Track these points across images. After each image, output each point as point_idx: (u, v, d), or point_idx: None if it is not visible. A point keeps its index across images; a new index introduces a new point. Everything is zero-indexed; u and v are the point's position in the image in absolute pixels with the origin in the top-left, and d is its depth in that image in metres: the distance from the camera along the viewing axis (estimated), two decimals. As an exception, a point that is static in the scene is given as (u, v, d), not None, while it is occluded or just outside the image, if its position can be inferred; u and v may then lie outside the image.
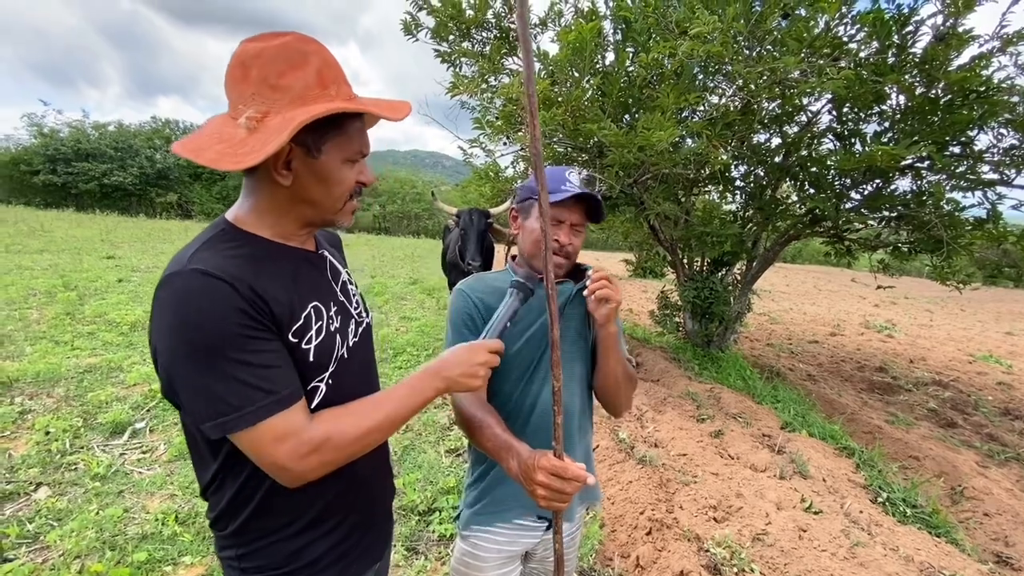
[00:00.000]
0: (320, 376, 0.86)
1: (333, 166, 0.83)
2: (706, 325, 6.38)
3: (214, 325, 0.71)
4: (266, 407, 0.73)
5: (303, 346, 0.82)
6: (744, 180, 6.19)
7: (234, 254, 0.78)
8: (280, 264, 0.84)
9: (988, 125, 4.32)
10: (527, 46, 0.72)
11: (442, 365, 0.91)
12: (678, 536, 2.57)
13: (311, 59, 0.78)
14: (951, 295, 5.49)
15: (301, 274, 0.88)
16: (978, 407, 5.78)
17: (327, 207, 0.87)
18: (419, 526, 2.55)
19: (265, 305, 0.76)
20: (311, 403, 0.85)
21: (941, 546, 2.71)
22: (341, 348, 0.91)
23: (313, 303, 0.86)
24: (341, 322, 0.93)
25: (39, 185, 30.74)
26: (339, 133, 0.82)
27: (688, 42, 3.68)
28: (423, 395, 0.88)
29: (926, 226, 4.87)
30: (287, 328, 0.80)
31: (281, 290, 0.80)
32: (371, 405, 0.84)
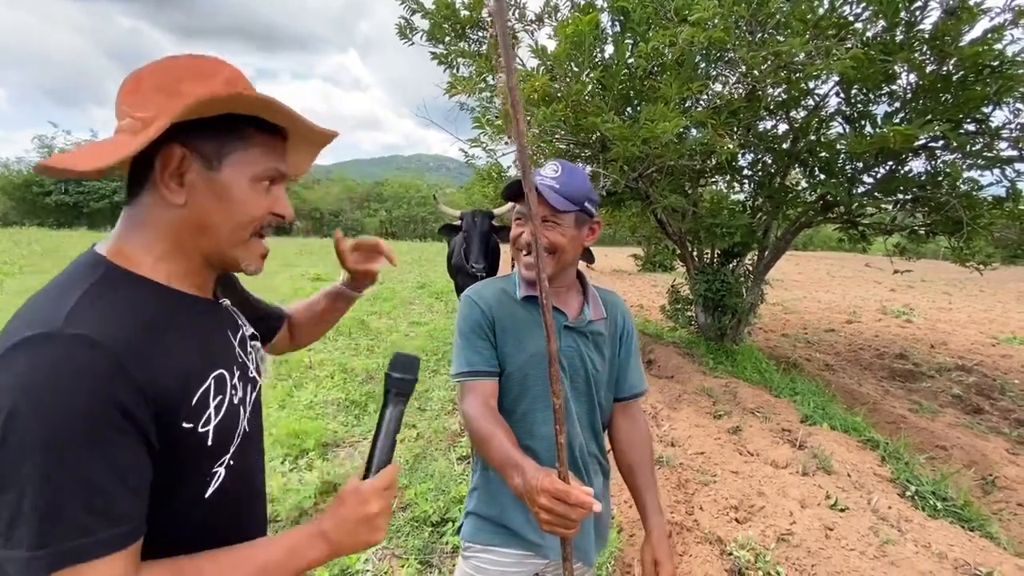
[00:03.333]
0: (220, 460, 0.70)
1: (237, 183, 0.68)
2: (719, 318, 6.27)
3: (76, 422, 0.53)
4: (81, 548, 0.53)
5: (199, 430, 0.65)
6: (752, 169, 6.06)
7: (126, 312, 0.61)
8: (178, 321, 0.67)
9: (1004, 100, 4.17)
10: (507, 47, 0.65)
11: (329, 524, 0.71)
12: (699, 539, 2.49)
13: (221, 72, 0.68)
14: (969, 276, 5.34)
15: (203, 333, 0.71)
16: (1005, 391, 5.61)
17: (224, 237, 0.70)
18: (432, 538, 2.50)
19: (153, 388, 0.59)
20: (205, 492, 0.69)
21: (975, 540, 2.60)
22: (243, 422, 0.75)
23: (216, 372, 0.69)
24: (243, 389, 0.76)
25: (51, 205, 31.32)
26: (246, 144, 0.69)
27: (688, 29, 3.58)
28: (300, 563, 0.68)
29: (943, 207, 4.73)
30: (179, 413, 0.63)
31: (178, 360, 0.64)
32: (223, 567, 0.63)
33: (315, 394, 4.19)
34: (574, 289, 1.25)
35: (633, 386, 1.28)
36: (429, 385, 4.69)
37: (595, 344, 1.22)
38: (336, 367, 4.90)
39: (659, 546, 1.12)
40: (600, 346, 1.22)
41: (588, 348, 1.20)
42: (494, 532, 1.19)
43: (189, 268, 0.71)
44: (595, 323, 1.22)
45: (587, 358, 1.19)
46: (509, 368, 1.16)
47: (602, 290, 1.31)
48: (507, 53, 0.65)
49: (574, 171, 1.13)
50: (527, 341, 1.16)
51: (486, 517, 1.21)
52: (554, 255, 1.13)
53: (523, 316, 1.18)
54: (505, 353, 1.16)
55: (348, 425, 3.72)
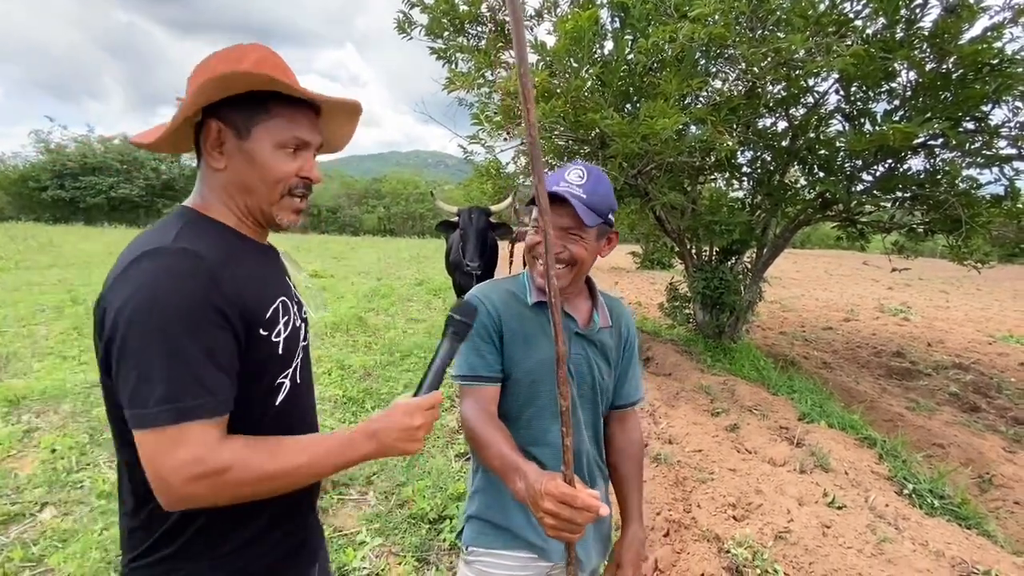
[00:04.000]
0: (285, 372, 0.85)
1: (263, 149, 0.81)
2: (717, 316, 6.26)
3: (185, 311, 0.68)
4: (193, 409, 0.68)
5: (273, 339, 0.80)
6: (751, 166, 6.05)
7: (213, 239, 0.77)
8: (247, 255, 0.83)
9: (1003, 99, 4.17)
10: (520, 35, 0.63)
11: (379, 426, 0.83)
12: (697, 537, 2.49)
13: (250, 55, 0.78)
14: (967, 275, 5.34)
15: (265, 268, 0.87)
16: (1001, 389, 5.62)
17: (262, 195, 0.84)
18: (429, 535, 2.49)
19: (239, 299, 0.75)
20: (276, 399, 0.83)
21: (972, 538, 2.60)
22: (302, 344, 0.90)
23: (280, 297, 0.85)
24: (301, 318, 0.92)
25: (47, 201, 31.14)
26: (270, 116, 0.81)
27: (688, 25, 3.56)
28: (351, 455, 0.80)
29: (942, 205, 4.72)
30: (257, 322, 0.78)
31: (253, 282, 0.80)
32: (293, 446, 0.77)
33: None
34: (583, 295, 1.22)
35: (630, 395, 1.28)
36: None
37: (602, 352, 1.19)
38: (334, 364, 4.88)
39: (628, 550, 1.16)
40: (607, 354, 1.20)
41: (596, 356, 1.18)
42: (497, 535, 1.16)
43: (242, 218, 0.86)
44: (603, 331, 1.20)
45: (595, 365, 1.17)
46: (516, 374, 1.13)
47: (608, 296, 1.28)
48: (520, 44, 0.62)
49: (600, 178, 1.09)
50: (536, 347, 1.13)
51: (488, 520, 1.18)
52: (573, 268, 1.10)
53: (533, 321, 1.15)
54: (512, 358, 1.13)
55: (345, 422, 3.71)
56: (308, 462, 0.76)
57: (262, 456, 0.73)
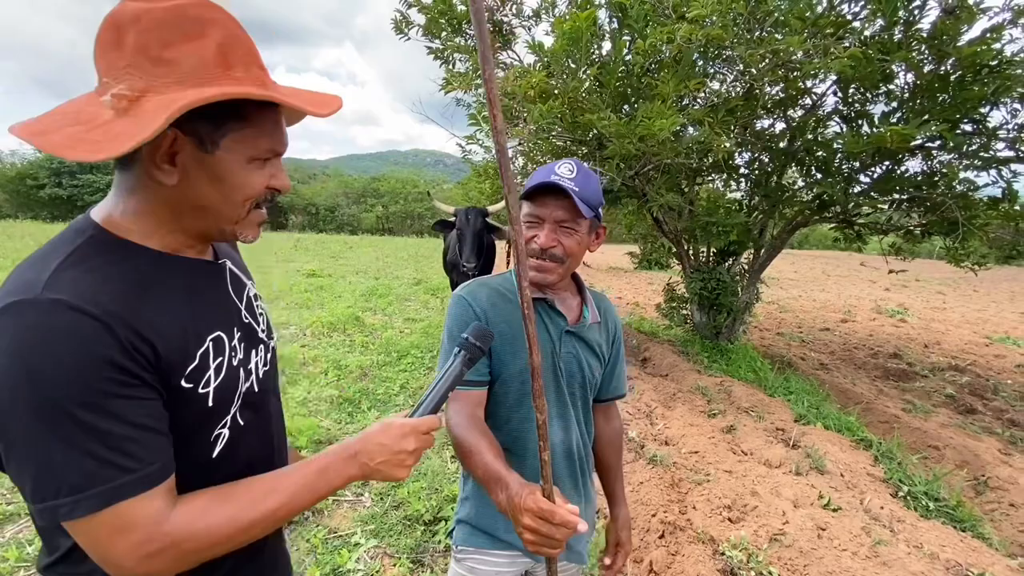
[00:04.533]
0: (222, 421, 0.71)
1: (233, 166, 0.66)
2: (714, 317, 6.27)
3: (72, 380, 0.54)
4: (119, 488, 0.57)
5: (199, 391, 0.67)
6: (749, 167, 6.05)
7: (111, 274, 0.61)
8: (171, 284, 0.67)
9: (1001, 101, 4.17)
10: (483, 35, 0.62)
11: (362, 447, 0.73)
12: (692, 539, 2.49)
13: (211, 30, 0.60)
14: (963, 276, 5.37)
15: (199, 295, 0.71)
16: (997, 391, 5.63)
17: (223, 215, 0.69)
18: (424, 537, 2.49)
19: (149, 348, 0.60)
20: (212, 452, 0.71)
21: (967, 541, 2.60)
22: (246, 382, 0.76)
23: (214, 334, 0.70)
24: (245, 350, 0.77)
25: (45, 199, 31.10)
26: (244, 125, 0.65)
27: (686, 26, 3.56)
28: (331, 483, 0.71)
29: (939, 207, 4.73)
30: (178, 373, 0.64)
31: (172, 323, 0.64)
32: (261, 489, 0.67)
33: (308, 391, 4.17)
34: (571, 290, 1.22)
35: (616, 389, 1.31)
36: (423, 382, 4.67)
37: (592, 348, 1.20)
38: (330, 364, 4.87)
39: (623, 529, 1.28)
40: (597, 350, 1.21)
41: (586, 352, 1.18)
42: (485, 538, 1.18)
43: (183, 238, 0.71)
44: (593, 326, 1.20)
45: (584, 362, 1.17)
46: (505, 375, 1.12)
47: (595, 293, 1.28)
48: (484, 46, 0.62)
49: (589, 173, 1.09)
50: (522, 348, 1.11)
51: (476, 526, 1.19)
52: (564, 263, 1.09)
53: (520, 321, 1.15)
54: (501, 360, 1.11)
55: (341, 422, 3.70)
56: (285, 501, 0.68)
57: (229, 510, 0.64)
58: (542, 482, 0.79)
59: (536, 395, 0.78)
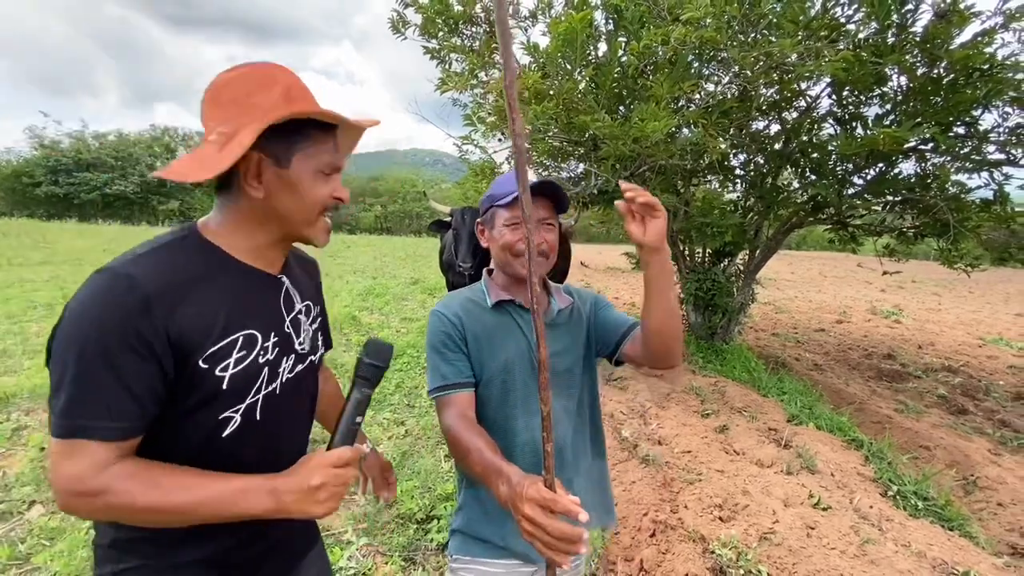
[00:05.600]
0: (234, 407, 0.82)
1: (303, 176, 0.83)
2: (709, 317, 6.29)
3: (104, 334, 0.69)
4: (83, 427, 0.70)
5: (216, 373, 0.78)
6: (744, 169, 6.08)
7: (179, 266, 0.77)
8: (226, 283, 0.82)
9: (993, 104, 4.20)
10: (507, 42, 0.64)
11: (280, 484, 0.78)
12: (683, 537, 2.51)
13: (279, 80, 0.82)
14: (959, 278, 5.38)
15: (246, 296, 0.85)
16: (989, 392, 5.67)
17: (299, 219, 0.86)
18: (417, 535, 2.50)
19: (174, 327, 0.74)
20: (222, 432, 0.82)
21: (955, 540, 2.63)
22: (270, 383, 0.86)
23: (247, 330, 0.83)
24: (276, 355, 0.88)
25: (41, 197, 30.98)
26: (308, 143, 0.83)
27: (681, 28, 3.58)
28: (244, 507, 0.76)
29: (931, 210, 4.76)
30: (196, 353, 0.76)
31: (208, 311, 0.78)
32: (183, 482, 0.75)
33: (304, 390, 4.17)
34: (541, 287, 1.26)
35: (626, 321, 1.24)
36: (418, 382, 4.68)
37: (571, 329, 1.22)
38: (327, 362, 4.87)
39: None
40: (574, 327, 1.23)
41: (566, 340, 1.21)
42: (480, 546, 1.18)
43: (262, 245, 0.87)
44: (564, 311, 1.23)
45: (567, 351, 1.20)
46: (486, 376, 1.15)
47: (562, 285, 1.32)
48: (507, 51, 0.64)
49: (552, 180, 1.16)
50: (499, 347, 1.15)
51: (471, 534, 1.20)
52: (548, 258, 1.15)
53: (493, 323, 1.17)
54: (480, 362, 1.15)
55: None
56: (192, 503, 0.73)
57: (141, 486, 0.72)
58: (544, 473, 0.80)
59: (542, 387, 0.80)
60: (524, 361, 1.16)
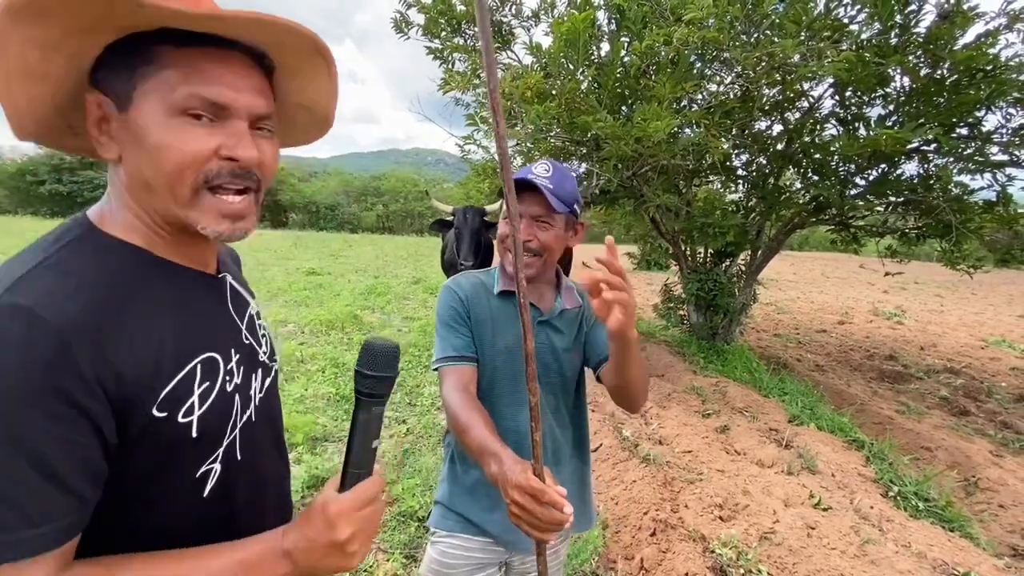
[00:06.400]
0: (212, 456, 0.62)
1: (150, 119, 0.54)
2: (710, 318, 6.29)
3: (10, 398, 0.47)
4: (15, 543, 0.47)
5: (179, 420, 0.58)
6: (746, 169, 6.08)
7: (90, 278, 0.53)
8: (159, 295, 0.59)
9: (996, 105, 4.20)
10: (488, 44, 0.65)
11: (295, 544, 0.60)
12: (683, 537, 2.51)
13: None
14: (962, 279, 5.36)
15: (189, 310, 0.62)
16: (991, 394, 5.66)
17: (163, 190, 0.57)
18: (418, 533, 2.51)
19: (109, 372, 0.52)
20: (203, 491, 0.62)
21: (955, 540, 2.63)
22: (244, 413, 0.67)
23: (204, 355, 0.61)
24: (244, 375, 0.68)
25: (45, 195, 31.10)
26: (154, 68, 0.54)
27: (683, 28, 3.58)
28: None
29: (934, 211, 4.75)
30: (148, 400, 0.55)
31: (145, 341, 0.56)
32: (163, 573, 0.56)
33: (306, 388, 4.19)
34: (550, 283, 1.27)
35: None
36: (420, 380, 4.69)
37: (566, 330, 1.23)
38: (328, 361, 4.89)
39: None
40: (571, 329, 1.24)
41: (560, 341, 1.22)
42: (457, 521, 1.22)
43: (162, 233, 0.61)
44: (568, 312, 1.24)
45: (561, 353, 1.21)
46: (480, 359, 1.19)
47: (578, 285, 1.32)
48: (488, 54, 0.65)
49: (565, 172, 1.15)
50: (498, 335, 1.18)
51: (450, 508, 1.23)
52: (541, 256, 1.15)
53: (497, 309, 1.20)
54: (479, 344, 1.19)
55: (338, 420, 3.72)
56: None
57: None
58: (533, 462, 0.82)
59: (530, 378, 0.81)
60: (518, 351, 1.18)
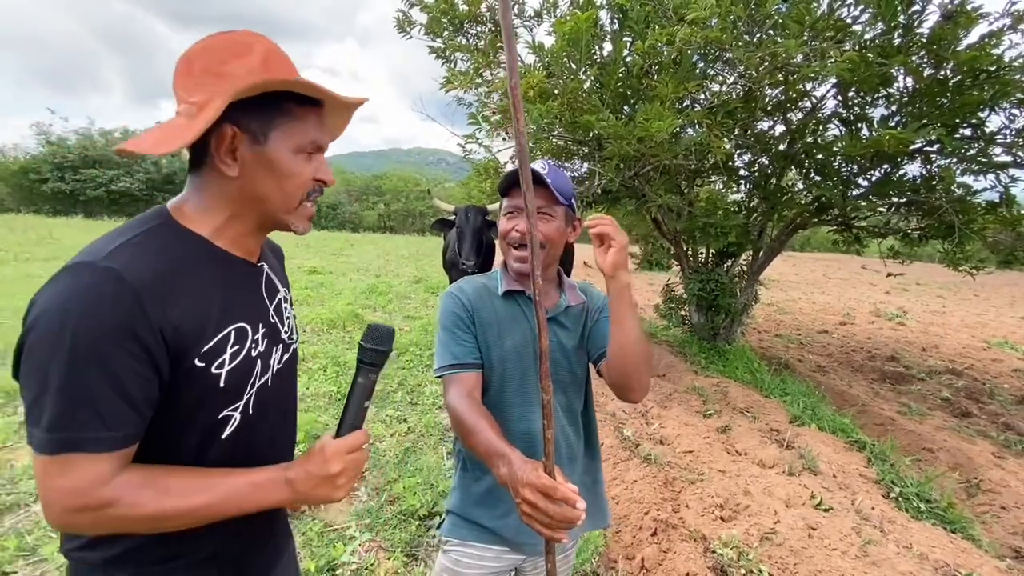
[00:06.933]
0: (234, 405, 0.79)
1: (282, 155, 0.77)
2: (712, 318, 6.29)
3: (99, 336, 0.63)
4: (79, 441, 0.64)
5: (212, 371, 0.74)
6: (748, 169, 6.07)
7: (163, 255, 0.71)
8: (210, 273, 0.77)
9: (1000, 106, 4.18)
10: (510, 43, 0.65)
11: (295, 474, 0.77)
12: (684, 537, 2.51)
13: (256, 48, 0.75)
14: (964, 280, 5.35)
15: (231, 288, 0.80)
16: (993, 395, 5.65)
17: (279, 204, 0.80)
18: (419, 531, 2.52)
19: (168, 325, 0.68)
20: (222, 432, 0.78)
21: (957, 542, 2.63)
22: (263, 376, 0.83)
23: (237, 324, 0.79)
24: (266, 346, 0.85)
25: (48, 193, 31.13)
26: (288, 119, 0.77)
27: (686, 28, 3.58)
28: (260, 500, 0.75)
29: (936, 211, 4.74)
30: (192, 351, 0.72)
31: (197, 306, 0.73)
32: (193, 484, 0.72)
33: (307, 386, 4.20)
34: (553, 282, 1.27)
35: None
36: (421, 380, 4.70)
37: (572, 327, 1.23)
38: (329, 360, 4.90)
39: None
40: (577, 326, 1.24)
41: (567, 338, 1.22)
42: (470, 529, 1.21)
43: (240, 231, 0.81)
44: (572, 308, 1.24)
45: (569, 350, 1.21)
46: (488, 362, 1.18)
47: (582, 283, 1.33)
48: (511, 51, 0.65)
49: (559, 170, 1.17)
50: (506, 336, 1.18)
51: (463, 516, 1.23)
52: (545, 248, 1.15)
53: (503, 311, 1.20)
54: (486, 347, 1.18)
55: (338, 418, 3.73)
56: (206, 503, 0.71)
57: (152, 494, 0.69)
58: (544, 459, 0.82)
59: (543, 375, 0.81)
60: (527, 351, 1.18)
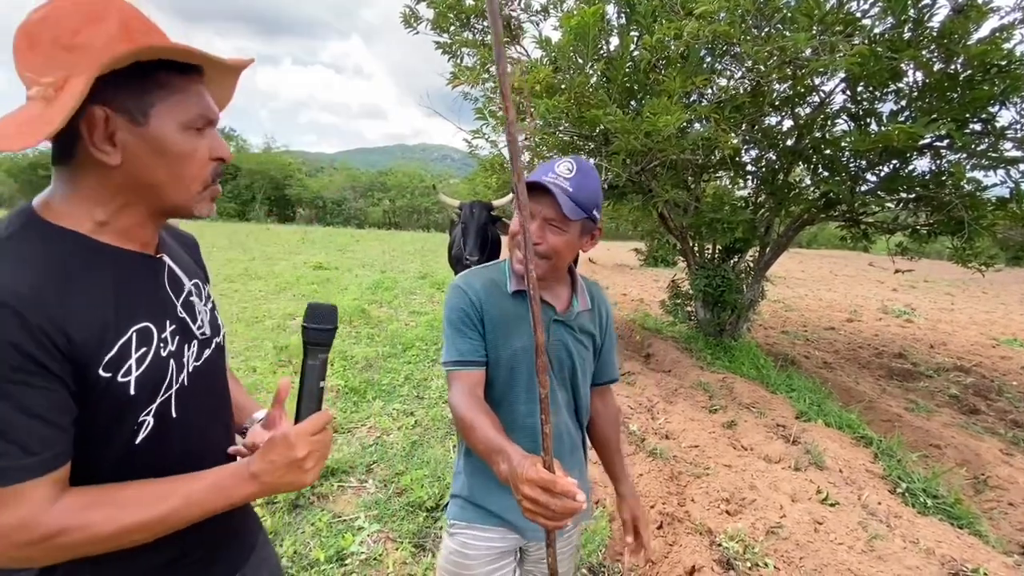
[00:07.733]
0: (146, 409, 0.72)
1: (169, 134, 0.68)
2: (718, 314, 6.28)
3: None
4: (7, 471, 0.58)
5: (119, 380, 0.67)
6: (755, 164, 6.04)
7: (36, 262, 0.63)
8: (98, 273, 0.68)
9: (1011, 100, 4.14)
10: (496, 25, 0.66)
11: (259, 467, 0.73)
12: (690, 530, 2.52)
13: (111, 11, 0.64)
14: (973, 277, 5.31)
15: (126, 286, 0.71)
16: (1002, 392, 5.61)
17: (175, 190, 0.71)
18: (426, 523, 2.54)
19: (61, 337, 0.61)
20: (136, 439, 0.71)
21: (964, 538, 2.62)
22: (178, 375, 0.77)
23: (139, 324, 0.71)
24: (178, 345, 0.77)
25: (56, 189, 31.42)
26: (168, 92, 0.68)
27: (694, 22, 3.56)
28: (227, 498, 0.72)
29: (946, 207, 4.70)
30: (95, 361, 0.65)
31: (91, 312, 0.65)
32: (148, 495, 0.67)
33: (314, 381, 4.22)
34: (564, 282, 1.26)
35: (610, 374, 1.37)
36: (428, 374, 4.72)
37: (581, 335, 1.24)
38: (336, 354, 4.93)
39: (635, 505, 1.30)
40: (586, 337, 1.25)
41: (574, 340, 1.22)
42: (476, 512, 1.23)
43: (131, 222, 0.72)
44: (582, 314, 1.24)
45: (573, 350, 1.22)
46: (496, 360, 1.18)
47: (588, 281, 1.32)
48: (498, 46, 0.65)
49: (589, 173, 1.10)
50: (514, 335, 1.17)
51: (469, 500, 1.24)
52: (549, 260, 1.11)
53: (512, 309, 1.18)
54: (494, 345, 1.17)
55: (347, 412, 3.76)
56: (170, 510, 0.67)
57: (107, 512, 0.64)
58: (543, 453, 0.82)
59: (540, 371, 0.81)
60: (534, 350, 1.18)
